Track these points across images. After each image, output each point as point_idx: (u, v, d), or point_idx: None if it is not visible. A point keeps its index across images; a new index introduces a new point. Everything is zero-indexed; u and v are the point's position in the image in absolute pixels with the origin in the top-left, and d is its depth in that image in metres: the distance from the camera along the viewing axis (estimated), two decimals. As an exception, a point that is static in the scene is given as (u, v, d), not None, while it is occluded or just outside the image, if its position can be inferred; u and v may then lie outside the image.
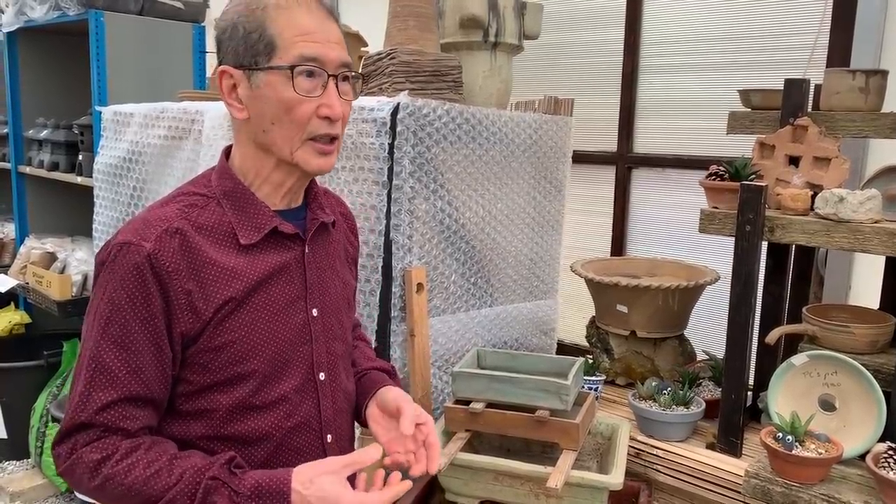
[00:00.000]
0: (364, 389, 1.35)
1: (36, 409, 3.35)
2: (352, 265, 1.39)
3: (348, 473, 1.07)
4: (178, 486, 1.04)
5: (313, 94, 1.12)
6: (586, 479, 1.67)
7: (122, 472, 1.05)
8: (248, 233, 1.16)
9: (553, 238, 2.46)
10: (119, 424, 1.07)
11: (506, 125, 2.18)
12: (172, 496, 1.03)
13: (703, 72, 2.67)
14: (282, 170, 1.18)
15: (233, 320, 1.12)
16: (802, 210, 1.80)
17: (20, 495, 3.21)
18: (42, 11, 3.15)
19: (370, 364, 1.42)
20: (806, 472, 1.60)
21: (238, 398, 1.14)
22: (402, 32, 2.10)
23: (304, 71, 1.11)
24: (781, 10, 2.47)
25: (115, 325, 1.07)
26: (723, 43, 2.61)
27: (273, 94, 1.11)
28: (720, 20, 2.61)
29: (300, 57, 1.10)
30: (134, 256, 1.07)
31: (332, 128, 1.15)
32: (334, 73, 1.14)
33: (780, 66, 2.46)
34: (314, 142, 1.15)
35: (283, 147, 1.14)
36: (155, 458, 1.06)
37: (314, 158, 1.15)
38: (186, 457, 1.08)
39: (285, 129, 1.13)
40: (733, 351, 1.86)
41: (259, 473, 1.06)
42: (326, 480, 1.05)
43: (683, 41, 2.71)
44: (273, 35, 1.11)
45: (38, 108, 3.59)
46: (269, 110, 1.13)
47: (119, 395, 1.07)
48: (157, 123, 2.50)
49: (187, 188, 1.21)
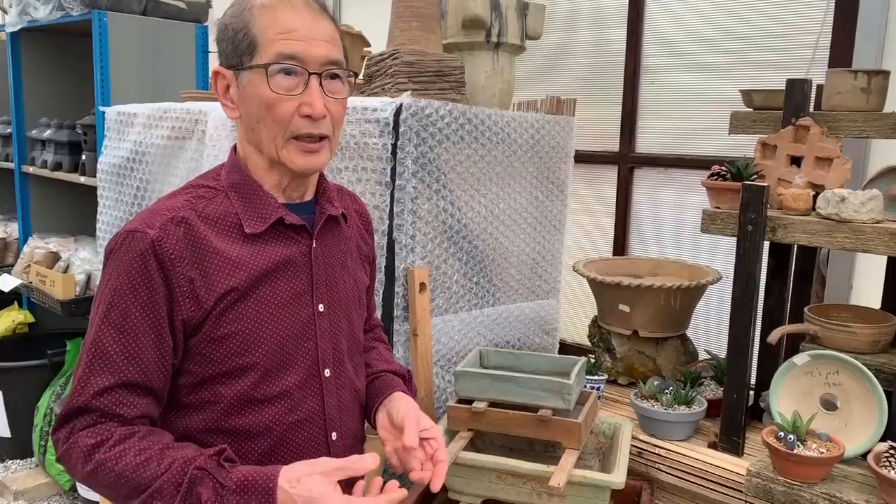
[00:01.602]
0: (376, 392, 1.34)
1: (39, 408, 3.36)
2: (365, 263, 1.38)
3: (339, 477, 1.05)
4: (165, 475, 1.03)
5: (294, 93, 1.12)
6: (589, 478, 1.67)
7: (114, 458, 1.05)
8: (254, 223, 1.17)
9: (555, 238, 2.46)
10: (116, 410, 1.08)
11: (508, 125, 2.18)
12: (159, 485, 1.03)
13: (706, 72, 2.67)
14: (275, 168, 1.18)
15: (235, 311, 1.13)
16: (804, 210, 1.80)
17: (23, 494, 3.21)
18: (45, 11, 3.15)
19: (385, 367, 1.41)
20: (807, 472, 1.60)
21: (239, 390, 1.15)
22: (404, 33, 2.11)
23: (281, 69, 1.11)
24: (783, 10, 2.47)
25: (115, 311, 1.09)
26: (725, 43, 2.62)
27: (255, 92, 1.12)
28: (722, 20, 2.61)
29: (278, 55, 1.11)
30: (138, 244, 1.09)
31: (316, 127, 1.14)
32: (317, 71, 1.13)
33: (782, 67, 2.46)
34: (298, 140, 1.14)
35: (269, 146, 1.15)
36: (147, 446, 1.06)
37: (298, 157, 1.15)
38: (179, 447, 1.08)
39: (269, 127, 1.14)
40: (735, 350, 1.86)
41: (248, 468, 1.05)
42: (315, 481, 1.02)
43: (685, 41, 2.71)
44: (255, 34, 1.12)
45: (42, 108, 3.60)
46: (254, 109, 1.14)
47: (116, 381, 1.08)
48: (161, 123, 2.50)
49: (197, 181, 1.23)
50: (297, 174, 1.19)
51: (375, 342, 1.48)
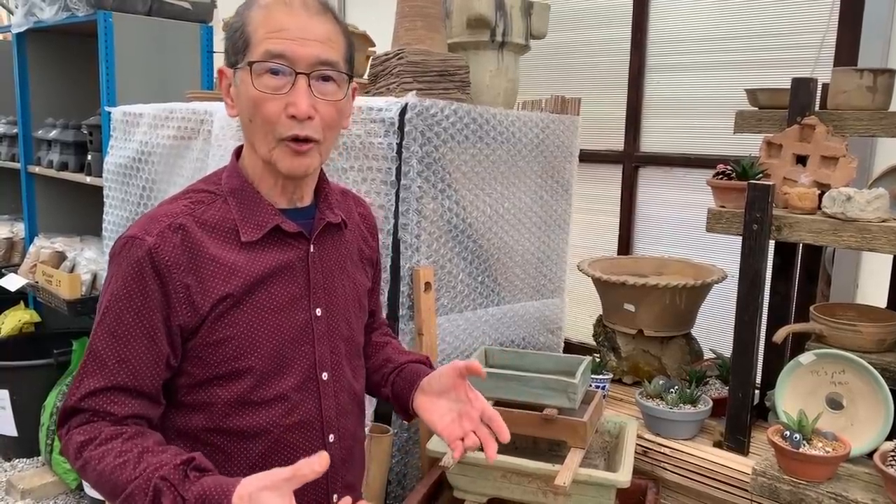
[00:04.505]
0: (407, 383, 1.33)
1: (46, 407, 3.37)
2: (367, 265, 1.38)
3: (293, 487, 0.99)
4: (136, 480, 1.03)
5: (280, 92, 1.10)
6: (594, 477, 1.67)
7: (97, 458, 1.06)
8: (250, 230, 1.17)
9: (560, 237, 2.47)
10: (106, 409, 1.10)
11: (513, 124, 2.18)
12: (132, 490, 1.03)
13: (710, 70, 2.67)
14: (269, 169, 1.18)
15: (231, 316, 1.14)
16: (810, 209, 1.80)
17: (30, 493, 3.23)
18: (51, 12, 3.16)
19: (406, 358, 1.41)
20: (813, 471, 1.60)
21: (236, 393, 1.15)
22: (409, 33, 2.11)
23: (267, 68, 1.10)
24: (789, 8, 2.47)
25: (110, 316, 1.11)
26: (730, 41, 2.61)
27: (244, 91, 1.12)
28: (727, 18, 2.61)
29: (265, 53, 1.10)
30: (136, 250, 1.10)
31: (301, 128, 1.11)
32: (305, 71, 1.11)
33: (788, 65, 2.45)
34: (287, 141, 1.12)
35: (261, 146, 1.14)
36: (129, 448, 1.06)
37: (286, 159, 1.14)
38: (158, 452, 1.06)
39: (259, 127, 1.13)
40: (740, 349, 1.86)
41: (210, 480, 1.02)
42: (267, 497, 0.98)
43: (690, 40, 2.71)
44: (249, 33, 1.12)
45: (48, 109, 3.61)
46: (245, 108, 1.14)
47: (106, 384, 1.10)
48: (166, 124, 2.51)
49: (198, 185, 1.23)
50: (286, 176, 1.17)
51: (386, 338, 1.49)
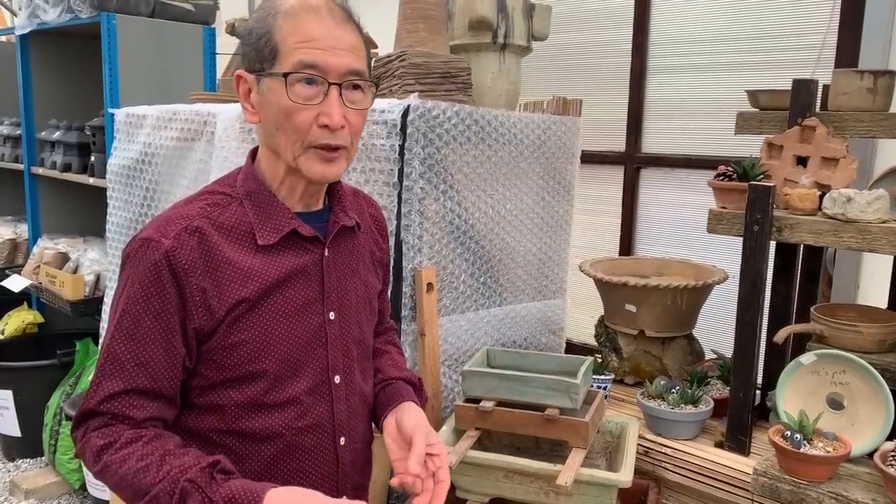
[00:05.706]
0: (387, 399, 1.33)
1: (49, 407, 3.38)
2: (377, 267, 1.38)
3: None
4: (161, 483, 1.04)
5: (313, 102, 1.11)
6: (596, 477, 1.68)
7: (118, 462, 1.07)
8: (267, 234, 1.17)
9: (562, 238, 2.47)
10: (125, 412, 1.10)
11: (515, 126, 2.19)
12: (156, 492, 1.04)
13: (712, 72, 2.67)
14: (292, 175, 1.18)
15: (246, 320, 1.14)
16: (810, 210, 1.81)
17: (34, 493, 3.24)
18: (54, 14, 3.17)
19: (397, 374, 1.39)
20: (814, 471, 1.61)
21: (249, 396, 1.16)
22: (411, 35, 2.12)
23: (301, 78, 1.10)
24: (789, 10, 2.48)
25: (128, 318, 1.11)
26: (731, 43, 2.62)
27: (275, 99, 1.12)
28: (728, 20, 2.62)
29: (298, 63, 1.10)
30: (153, 253, 1.10)
31: (333, 137, 1.13)
32: (337, 81, 1.12)
33: (788, 67, 2.46)
34: (317, 148, 1.14)
35: (286, 152, 1.15)
36: (150, 451, 1.07)
37: (316, 165, 1.15)
38: (180, 454, 1.08)
39: (287, 135, 1.13)
40: (742, 350, 1.87)
41: (238, 483, 1.04)
42: None
43: (691, 41, 2.72)
44: (277, 41, 1.12)
45: (51, 110, 3.62)
46: (273, 116, 1.14)
47: (125, 387, 1.10)
48: (170, 125, 2.52)
49: (213, 187, 1.23)
50: (312, 181, 1.18)
51: (388, 346, 1.47)
